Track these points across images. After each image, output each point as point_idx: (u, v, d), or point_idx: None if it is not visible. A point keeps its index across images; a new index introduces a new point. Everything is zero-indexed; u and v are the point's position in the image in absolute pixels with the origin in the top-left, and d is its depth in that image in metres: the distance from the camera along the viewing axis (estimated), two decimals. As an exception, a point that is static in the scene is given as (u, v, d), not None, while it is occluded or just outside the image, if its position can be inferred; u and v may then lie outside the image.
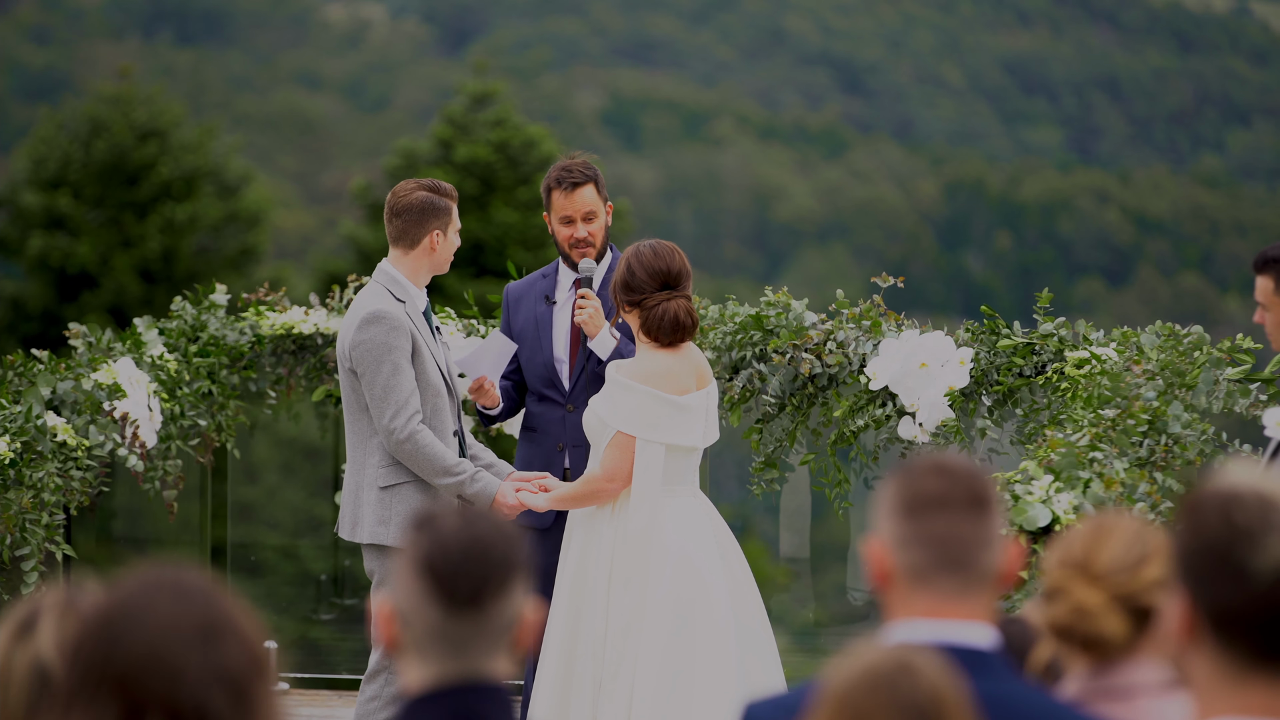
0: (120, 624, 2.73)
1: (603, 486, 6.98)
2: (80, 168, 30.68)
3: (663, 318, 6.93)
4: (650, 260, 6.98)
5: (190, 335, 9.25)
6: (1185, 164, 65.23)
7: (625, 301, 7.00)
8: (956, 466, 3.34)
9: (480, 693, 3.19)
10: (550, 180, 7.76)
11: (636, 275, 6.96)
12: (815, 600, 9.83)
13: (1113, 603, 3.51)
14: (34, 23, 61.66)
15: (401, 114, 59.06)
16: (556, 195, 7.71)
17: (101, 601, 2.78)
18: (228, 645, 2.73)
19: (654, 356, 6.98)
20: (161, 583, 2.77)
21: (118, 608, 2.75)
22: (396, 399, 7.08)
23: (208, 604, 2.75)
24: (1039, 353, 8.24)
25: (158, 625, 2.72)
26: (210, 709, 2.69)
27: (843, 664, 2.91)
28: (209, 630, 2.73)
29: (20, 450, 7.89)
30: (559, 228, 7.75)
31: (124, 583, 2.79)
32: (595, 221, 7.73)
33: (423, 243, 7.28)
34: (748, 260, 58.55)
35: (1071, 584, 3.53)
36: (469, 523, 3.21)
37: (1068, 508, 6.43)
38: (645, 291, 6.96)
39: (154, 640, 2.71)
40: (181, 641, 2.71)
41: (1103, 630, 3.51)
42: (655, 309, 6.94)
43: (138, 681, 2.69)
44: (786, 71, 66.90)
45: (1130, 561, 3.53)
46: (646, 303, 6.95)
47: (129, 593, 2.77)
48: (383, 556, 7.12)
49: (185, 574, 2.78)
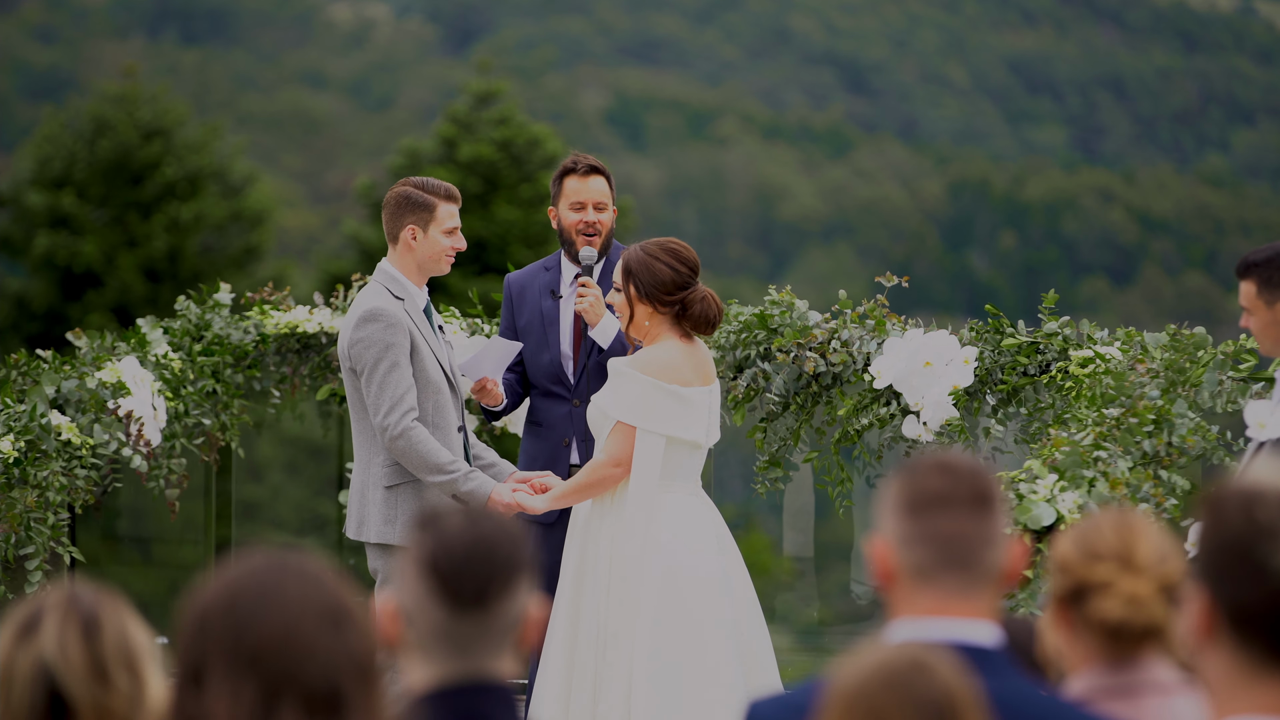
0: (251, 605, 2.77)
1: (607, 472, 6.97)
2: (85, 167, 30.67)
3: (709, 310, 7.00)
4: (686, 254, 7.05)
5: (194, 334, 9.25)
6: (1190, 163, 65.19)
7: (667, 301, 6.99)
8: (960, 465, 3.34)
9: (484, 692, 3.19)
10: (563, 168, 7.79)
11: (681, 271, 6.99)
12: (819, 599, 9.83)
13: (1160, 593, 3.50)
14: (39, 22, 61.67)
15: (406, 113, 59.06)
16: (570, 180, 7.73)
17: (220, 583, 2.82)
18: (354, 629, 2.78)
19: (660, 346, 6.98)
20: (285, 566, 2.82)
21: (246, 589, 2.79)
22: (391, 396, 7.07)
23: (332, 588, 2.81)
24: (1043, 352, 8.23)
25: (289, 607, 2.77)
26: (343, 690, 2.75)
27: (853, 662, 2.90)
28: (336, 614, 2.79)
29: (25, 449, 7.89)
30: (567, 214, 7.75)
31: (240, 565, 2.83)
32: (605, 212, 7.75)
33: (401, 238, 7.28)
34: (752, 259, 58.54)
35: (1118, 578, 3.50)
36: (474, 522, 3.21)
37: (1072, 507, 6.43)
38: (690, 285, 6.98)
39: (289, 621, 2.76)
40: (313, 623, 2.76)
41: (1158, 619, 3.49)
42: (704, 301, 7.00)
43: (274, 661, 2.74)
44: (791, 71, 66.88)
45: (1165, 553, 3.53)
46: (694, 296, 6.99)
47: (253, 574, 2.81)
48: (387, 555, 7.11)
49: (305, 559, 2.83)
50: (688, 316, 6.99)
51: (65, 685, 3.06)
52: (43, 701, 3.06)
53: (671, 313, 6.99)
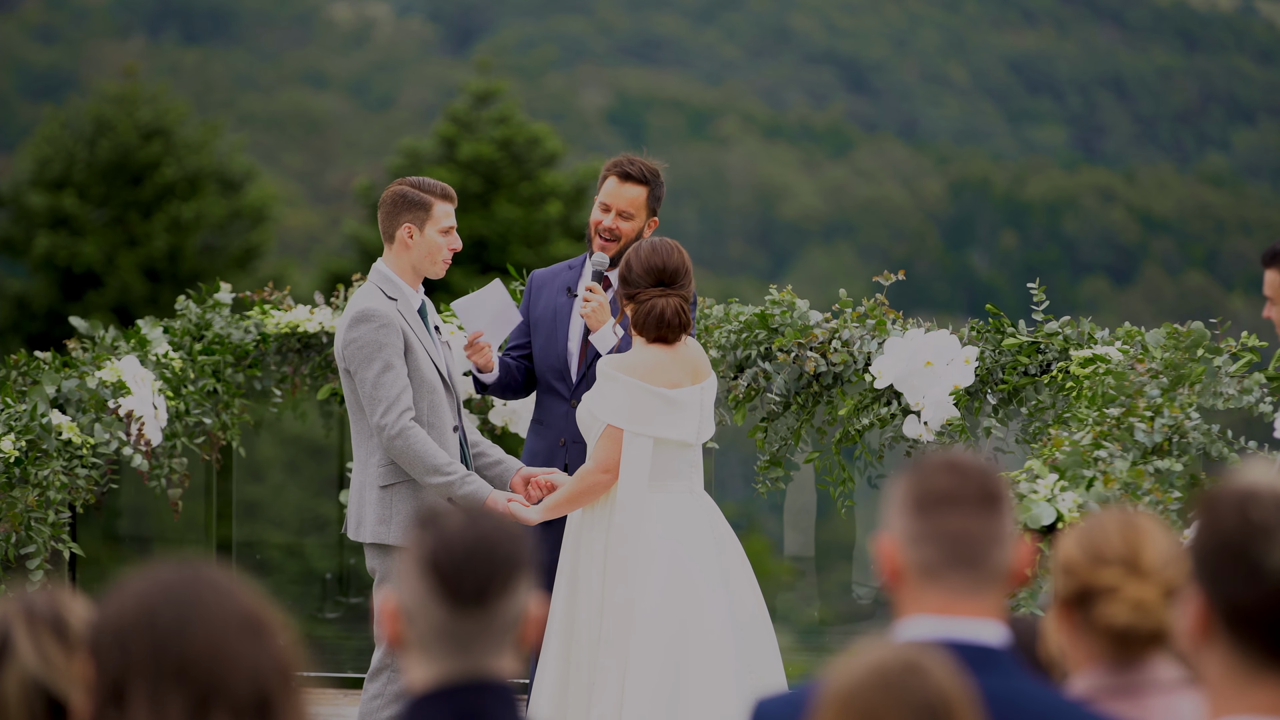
0: (173, 619, 2.73)
1: (596, 479, 6.97)
2: (85, 167, 30.70)
3: (649, 314, 6.95)
4: (647, 256, 7.00)
5: (195, 334, 9.25)
6: (1190, 163, 65.20)
7: (623, 295, 7.03)
8: (968, 464, 3.33)
9: (485, 691, 3.18)
10: (611, 165, 7.77)
11: (633, 270, 6.99)
12: (820, 599, 9.83)
13: (1165, 597, 3.50)
14: (39, 22, 61.69)
15: (406, 112, 59.07)
16: (609, 180, 7.72)
17: (132, 598, 2.77)
18: (274, 637, 2.77)
19: (645, 350, 6.99)
20: (198, 578, 2.78)
21: (164, 603, 2.75)
22: (387, 396, 7.07)
23: (247, 598, 2.78)
24: (1044, 351, 8.23)
25: (211, 619, 2.74)
26: (270, 697, 2.73)
27: (849, 663, 2.90)
28: (256, 623, 2.76)
29: (25, 448, 7.88)
30: (595, 211, 7.76)
31: (146, 580, 2.78)
32: (630, 221, 7.69)
33: (397, 237, 7.28)
34: (753, 259, 58.55)
35: (1124, 583, 3.50)
36: (474, 521, 3.20)
37: (1072, 506, 6.43)
38: (640, 287, 6.97)
39: (213, 633, 2.73)
40: (236, 633, 2.74)
41: (1166, 624, 3.49)
42: (645, 304, 6.96)
43: (202, 674, 2.71)
44: (792, 70, 66.89)
45: (1170, 556, 3.52)
46: (639, 297, 6.97)
47: (167, 588, 2.76)
48: (384, 555, 7.11)
49: (212, 569, 2.80)
50: (634, 317, 6.98)
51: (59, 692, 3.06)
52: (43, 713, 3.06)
53: (631, 310, 7.01)
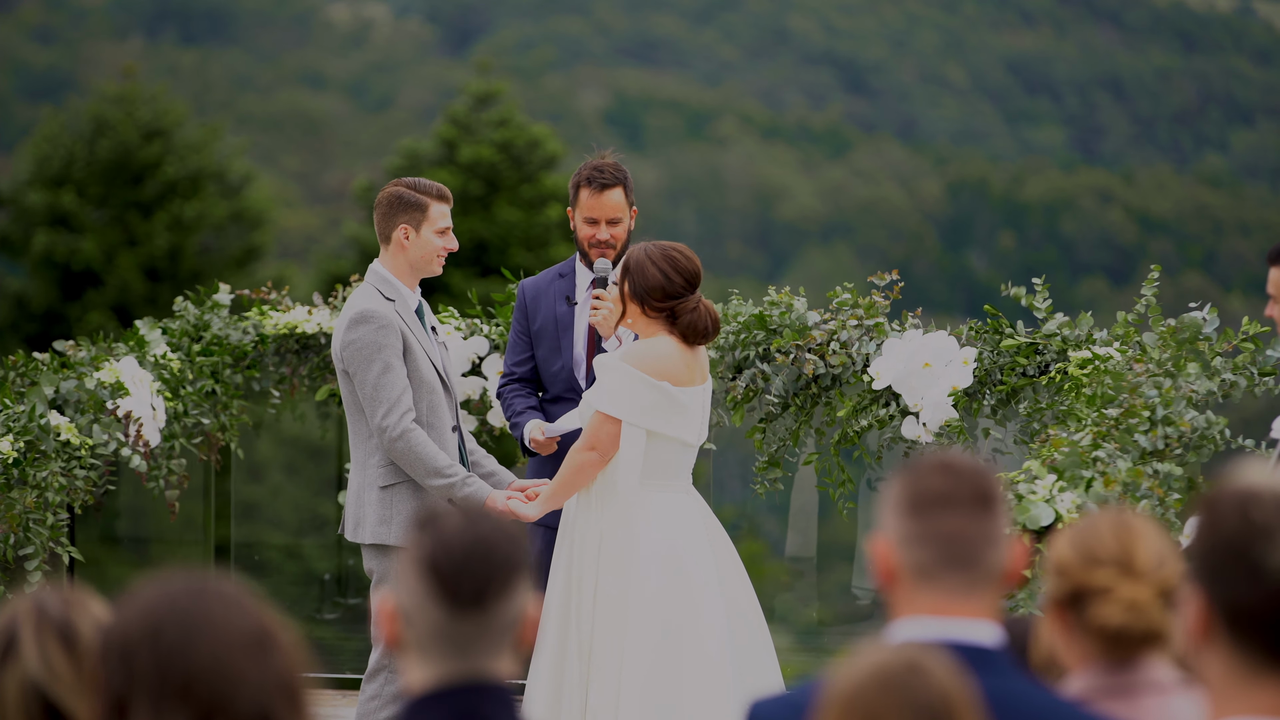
0: (178, 634, 2.72)
1: (583, 458, 6.93)
2: (84, 167, 30.68)
3: (699, 321, 6.93)
4: (685, 264, 6.96)
5: (193, 335, 9.25)
6: (1189, 163, 65.19)
7: (655, 306, 6.96)
8: (962, 465, 3.34)
9: (483, 692, 3.18)
10: (580, 177, 7.74)
11: (674, 280, 6.92)
12: (820, 600, 9.83)
13: (1159, 598, 3.50)
14: (38, 23, 61.67)
15: (405, 114, 59.06)
16: (585, 194, 7.70)
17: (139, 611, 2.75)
18: (280, 653, 2.74)
19: (656, 342, 6.95)
20: (206, 591, 2.77)
21: (170, 617, 2.73)
22: (388, 398, 7.07)
23: (255, 612, 2.76)
24: (1042, 352, 8.23)
25: (217, 635, 2.72)
26: (273, 715, 2.71)
27: (850, 664, 2.90)
28: (263, 638, 2.74)
29: (24, 449, 7.88)
30: (582, 226, 7.74)
31: (154, 591, 2.77)
32: (619, 225, 7.73)
33: (393, 238, 7.29)
34: (751, 260, 58.53)
35: (1117, 583, 3.50)
36: (472, 522, 3.21)
37: (1070, 507, 6.43)
38: (682, 296, 6.94)
39: (218, 649, 2.71)
40: (242, 650, 2.72)
41: (1159, 625, 3.49)
42: (695, 312, 6.94)
43: (206, 691, 2.69)
44: (790, 71, 66.87)
45: (1164, 556, 3.53)
46: (684, 306, 6.93)
47: (174, 602, 2.75)
48: (382, 556, 7.11)
49: (222, 582, 2.78)
50: (676, 325, 6.95)
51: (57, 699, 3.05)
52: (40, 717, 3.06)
53: (661, 318, 6.96)
